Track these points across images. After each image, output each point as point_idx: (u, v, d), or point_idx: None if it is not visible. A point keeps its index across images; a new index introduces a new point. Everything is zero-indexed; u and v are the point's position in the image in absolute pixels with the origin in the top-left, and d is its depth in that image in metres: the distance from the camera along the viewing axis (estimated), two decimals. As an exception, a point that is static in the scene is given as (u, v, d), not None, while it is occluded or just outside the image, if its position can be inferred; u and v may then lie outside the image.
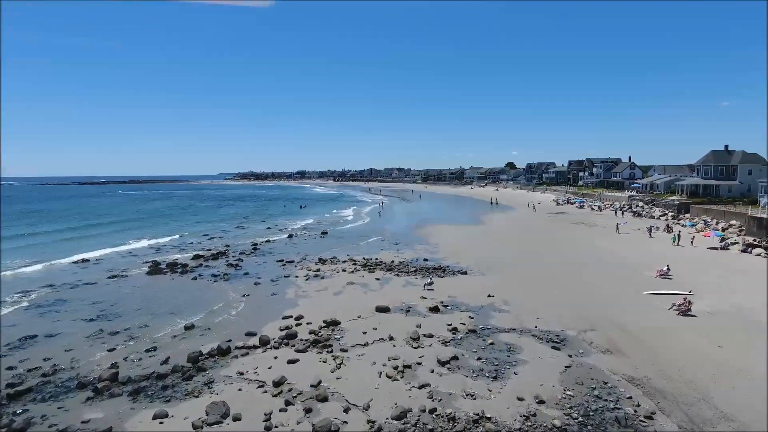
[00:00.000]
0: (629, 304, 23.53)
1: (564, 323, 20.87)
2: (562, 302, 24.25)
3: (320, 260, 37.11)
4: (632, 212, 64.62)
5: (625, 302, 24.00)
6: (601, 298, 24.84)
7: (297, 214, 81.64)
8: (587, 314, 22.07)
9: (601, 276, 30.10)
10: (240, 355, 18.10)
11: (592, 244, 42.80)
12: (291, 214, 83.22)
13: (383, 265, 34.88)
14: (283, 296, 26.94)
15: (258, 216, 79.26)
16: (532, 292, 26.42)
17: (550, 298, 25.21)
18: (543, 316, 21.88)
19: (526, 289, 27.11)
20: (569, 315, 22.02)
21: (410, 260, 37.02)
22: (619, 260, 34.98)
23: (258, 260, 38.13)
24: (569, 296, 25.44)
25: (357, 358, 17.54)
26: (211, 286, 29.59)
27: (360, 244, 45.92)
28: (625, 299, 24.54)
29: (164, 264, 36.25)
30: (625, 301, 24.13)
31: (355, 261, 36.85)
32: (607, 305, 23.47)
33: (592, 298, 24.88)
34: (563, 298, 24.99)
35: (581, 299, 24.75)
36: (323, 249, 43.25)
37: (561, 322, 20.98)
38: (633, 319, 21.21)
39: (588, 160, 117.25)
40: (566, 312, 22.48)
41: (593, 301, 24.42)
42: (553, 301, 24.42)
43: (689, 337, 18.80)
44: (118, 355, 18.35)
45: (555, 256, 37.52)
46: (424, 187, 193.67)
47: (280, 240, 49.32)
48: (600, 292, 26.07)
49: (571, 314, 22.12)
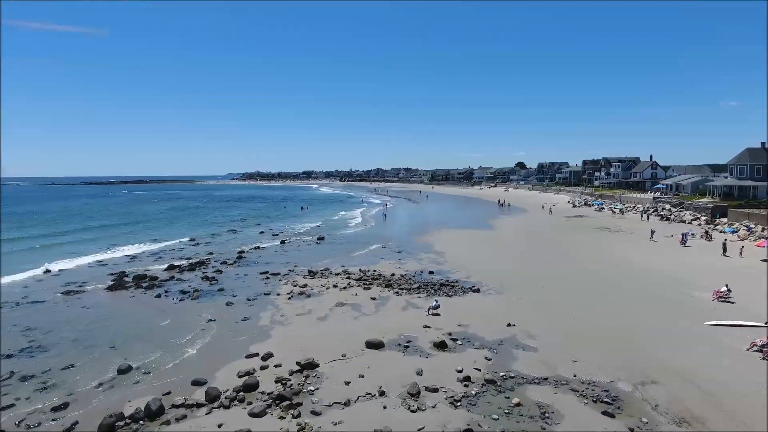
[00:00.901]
0: (689, 341, 18.41)
1: (611, 371, 15.82)
2: (601, 335, 19.19)
3: (310, 273, 32.29)
4: (659, 216, 59.06)
5: (682, 337, 18.87)
6: (648, 331, 19.72)
7: (296, 217, 77.02)
8: (638, 356, 17.00)
9: (641, 298, 24.94)
10: (174, 419, 13.30)
11: (621, 254, 37.55)
12: (290, 216, 78.62)
13: (382, 280, 30.02)
14: (256, 322, 22.13)
15: (254, 219, 74.74)
16: (560, 320, 21.38)
17: (584, 328, 20.15)
18: (581, 358, 16.85)
19: (552, 315, 22.06)
20: (615, 357, 16.96)
21: (413, 273, 32.13)
22: (659, 276, 29.76)
23: (239, 272, 33.42)
24: (607, 326, 20.37)
25: (332, 427, 12.67)
26: (173, 307, 24.87)
27: (358, 252, 41.05)
28: (681, 333, 19.41)
29: (132, 277, 31.68)
30: (683, 336, 19.01)
31: (350, 274, 32.03)
32: (659, 342, 18.37)
33: (638, 331, 19.77)
34: (601, 330, 19.92)
35: (623, 331, 19.67)
36: (317, 258, 38.47)
37: (606, 369, 15.93)
38: (702, 365, 16.10)
39: (604, 160, 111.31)
40: (609, 352, 17.42)
41: (640, 334, 19.32)
42: (590, 334, 19.37)
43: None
44: (13, 418, 13.63)
45: (580, 269, 32.38)
46: (432, 187, 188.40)
47: (271, 247, 44.59)
48: (646, 322, 20.94)
49: (617, 356, 17.06)
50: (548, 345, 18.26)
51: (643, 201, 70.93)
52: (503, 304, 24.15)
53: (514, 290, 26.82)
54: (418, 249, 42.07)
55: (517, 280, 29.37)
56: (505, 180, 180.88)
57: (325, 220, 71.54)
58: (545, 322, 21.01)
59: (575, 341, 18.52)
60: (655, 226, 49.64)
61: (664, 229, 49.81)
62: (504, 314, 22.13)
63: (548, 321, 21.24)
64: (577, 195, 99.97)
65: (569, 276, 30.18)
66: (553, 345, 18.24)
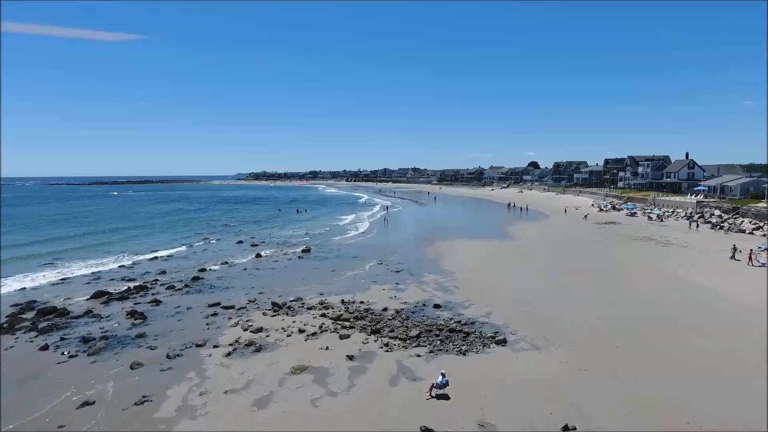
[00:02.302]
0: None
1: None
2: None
3: (274, 306, 24.01)
4: (708, 224, 49.93)
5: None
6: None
7: (288, 222, 68.93)
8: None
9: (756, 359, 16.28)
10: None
11: (689, 278, 28.80)
12: (281, 221, 70.52)
13: (369, 319, 21.75)
14: (154, 410, 13.86)
15: (240, 224, 66.80)
16: (652, 410, 12.83)
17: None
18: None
19: (639, 401, 13.49)
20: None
21: (413, 306, 23.85)
22: (760, 317, 21.05)
23: (183, 303, 25.29)
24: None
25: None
26: (48, 372, 16.68)
27: (347, 273, 32.72)
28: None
29: (36, 311, 23.69)
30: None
31: (329, 307, 23.83)
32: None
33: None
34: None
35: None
36: (292, 280, 30.32)
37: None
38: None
39: (630, 158, 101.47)
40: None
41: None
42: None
43: None
44: None
45: (651, 307, 23.73)
46: (439, 188, 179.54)
47: (241, 264, 36.37)
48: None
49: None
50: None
51: (683, 205, 61.70)
52: (547, 372, 15.65)
53: (561, 344, 18.27)
54: (422, 267, 33.69)
55: (560, 322, 20.83)
56: (518, 180, 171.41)
57: (318, 225, 63.31)
58: (631, 417, 12.50)
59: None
60: (707, 236, 40.76)
61: (720, 241, 40.85)
62: (553, 397, 13.68)
63: (638, 415, 12.72)
64: (601, 197, 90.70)
65: (637, 318, 21.57)
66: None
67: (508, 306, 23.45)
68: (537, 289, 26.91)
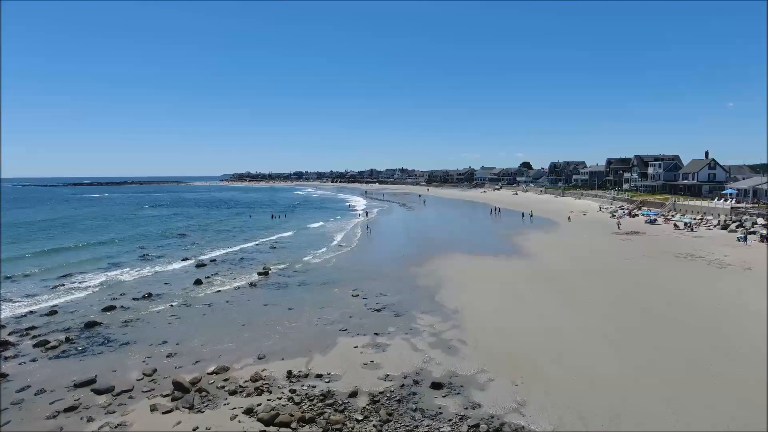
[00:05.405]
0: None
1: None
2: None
3: (178, 388, 14.82)
4: (756, 234, 41.69)
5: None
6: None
7: (256, 230, 59.49)
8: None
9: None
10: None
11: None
12: (248, 229, 60.97)
13: (327, 414, 12.78)
14: None
15: (199, 232, 57.33)
16: None
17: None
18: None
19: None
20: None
21: (400, 383, 15.09)
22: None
23: (41, 375, 16.11)
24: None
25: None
26: None
27: (307, 313, 23.63)
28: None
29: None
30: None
31: (264, 388, 14.83)
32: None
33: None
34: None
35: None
36: (226, 326, 21.26)
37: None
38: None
39: (637, 158, 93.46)
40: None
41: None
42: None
43: None
44: None
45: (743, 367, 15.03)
46: (427, 189, 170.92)
47: (167, 297, 27.02)
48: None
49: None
50: None
51: (712, 211, 53.60)
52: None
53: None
54: (413, 301, 24.79)
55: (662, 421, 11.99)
56: (511, 182, 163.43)
57: (289, 236, 54.00)
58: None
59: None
60: (763, 252, 32.44)
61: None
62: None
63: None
64: (608, 200, 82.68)
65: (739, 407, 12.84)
66: None
67: (548, 384, 14.61)
68: (597, 352, 17.91)
